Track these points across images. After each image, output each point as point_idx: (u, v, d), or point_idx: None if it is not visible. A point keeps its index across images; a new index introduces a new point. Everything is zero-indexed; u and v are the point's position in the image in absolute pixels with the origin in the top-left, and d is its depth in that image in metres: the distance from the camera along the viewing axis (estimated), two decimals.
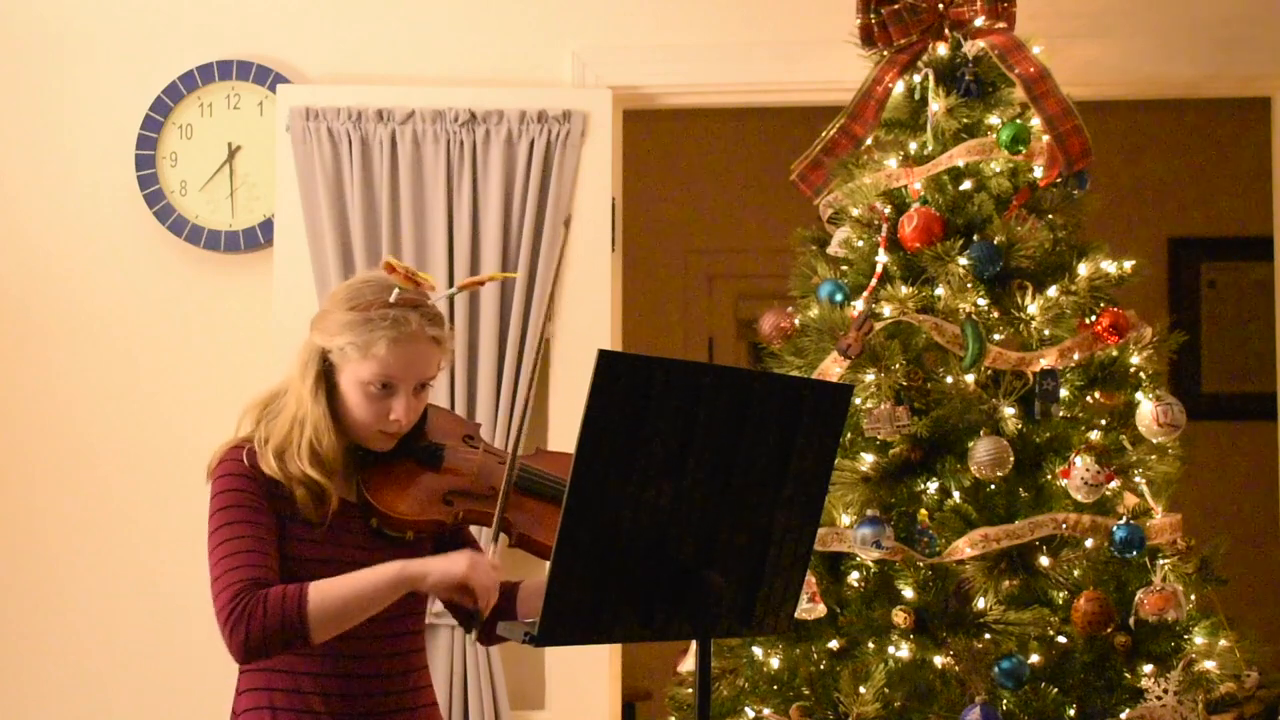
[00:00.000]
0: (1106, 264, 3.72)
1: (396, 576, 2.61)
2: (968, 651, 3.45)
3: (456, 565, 2.60)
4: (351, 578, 2.61)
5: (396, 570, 2.61)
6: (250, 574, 2.59)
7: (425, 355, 2.71)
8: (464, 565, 2.60)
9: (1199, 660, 3.49)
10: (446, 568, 2.61)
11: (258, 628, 2.55)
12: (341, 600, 2.58)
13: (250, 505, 2.65)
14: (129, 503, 4.57)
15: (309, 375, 2.71)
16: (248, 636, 2.55)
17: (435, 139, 4.39)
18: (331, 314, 2.72)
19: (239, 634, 2.55)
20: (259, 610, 2.55)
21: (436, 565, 2.62)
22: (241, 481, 2.67)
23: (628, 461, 2.25)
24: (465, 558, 2.61)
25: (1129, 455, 3.64)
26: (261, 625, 2.55)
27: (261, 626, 2.55)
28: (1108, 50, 4.42)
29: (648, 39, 4.56)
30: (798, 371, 3.68)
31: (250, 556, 2.61)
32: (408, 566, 2.61)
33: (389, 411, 2.70)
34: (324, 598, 2.57)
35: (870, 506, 3.56)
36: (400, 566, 2.61)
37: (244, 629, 2.55)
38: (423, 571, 2.61)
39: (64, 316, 4.62)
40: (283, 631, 2.55)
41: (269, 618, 2.55)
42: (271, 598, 2.56)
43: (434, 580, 2.61)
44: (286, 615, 2.55)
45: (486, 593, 2.61)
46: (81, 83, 4.65)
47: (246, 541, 2.62)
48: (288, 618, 2.55)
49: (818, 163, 3.97)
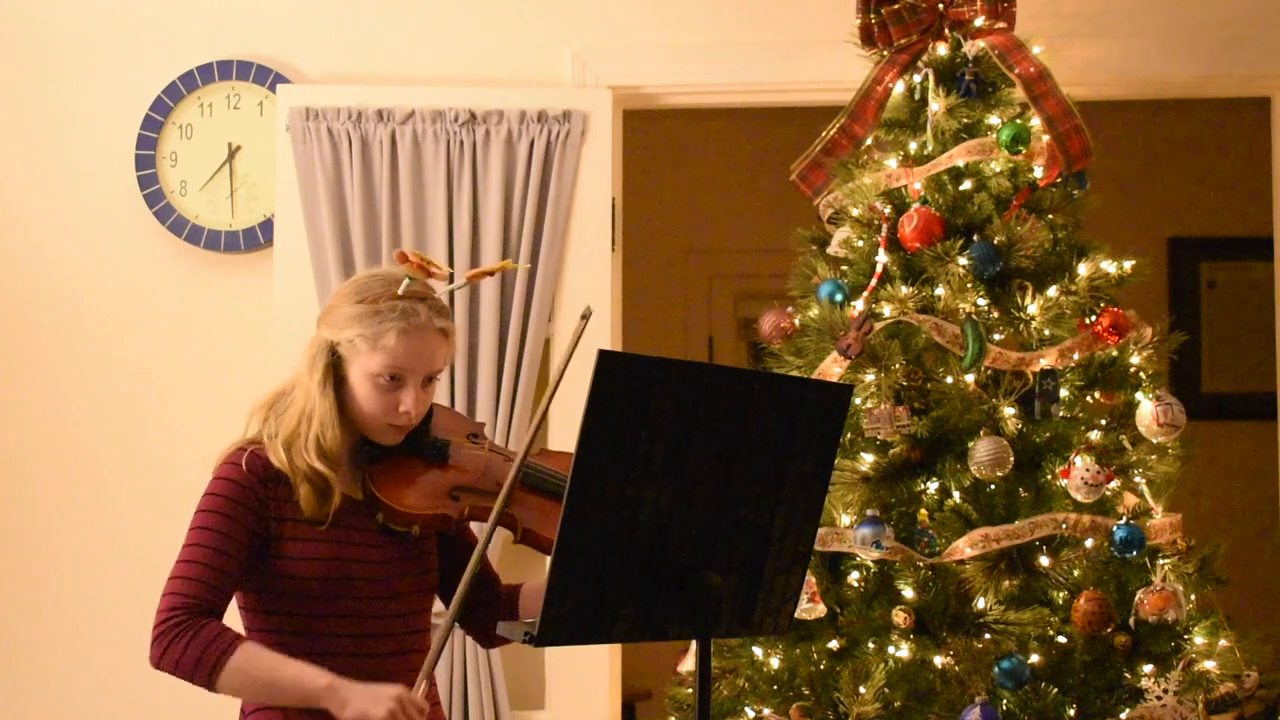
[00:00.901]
0: (1106, 264, 3.72)
1: (317, 691, 2.57)
2: (968, 651, 3.45)
3: (379, 706, 2.54)
4: (280, 663, 2.60)
5: (323, 685, 2.57)
6: (199, 593, 2.61)
7: (434, 346, 2.71)
8: (382, 712, 2.53)
9: (1199, 660, 3.49)
10: (366, 709, 2.54)
11: (176, 654, 2.58)
12: (258, 679, 2.59)
13: (232, 516, 2.65)
14: (129, 503, 4.56)
15: (317, 369, 2.71)
16: (162, 655, 2.59)
17: (435, 139, 4.40)
18: (339, 307, 2.73)
19: (159, 647, 2.59)
20: (185, 639, 2.57)
21: (359, 701, 2.55)
22: (232, 488, 2.67)
23: (628, 461, 2.25)
24: (388, 704, 2.54)
25: (1129, 455, 3.64)
26: (180, 653, 2.57)
27: (180, 654, 2.57)
28: (1108, 50, 4.42)
29: (648, 39, 4.56)
30: (798, 371, 3.68)
31: (207, 573, 2.62)
32: (335, 690, 2.56)
33: (398, 404, 2.70)
34: (245, 665, 2.58)
35: (870, 506, 3.56)
36: (328, 684, 2.57)
37: (164, 645, 2.58)
38: (343, 700, 2.56)
39: (64, 316, 4.62)
40: (193, 671, 2.58)
41: (188, 652, 2.57)
42: (202, 635, 2.58)
43: (350, 716, 2.55)
44: (203, 660, 2.57)
45: None
46: (81, 82, 4.65)
47: (211, 555, 2.63)
48: (203, 663, 2.57)
49: (818, 163, 3.97)
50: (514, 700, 4.36)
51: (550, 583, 2.24)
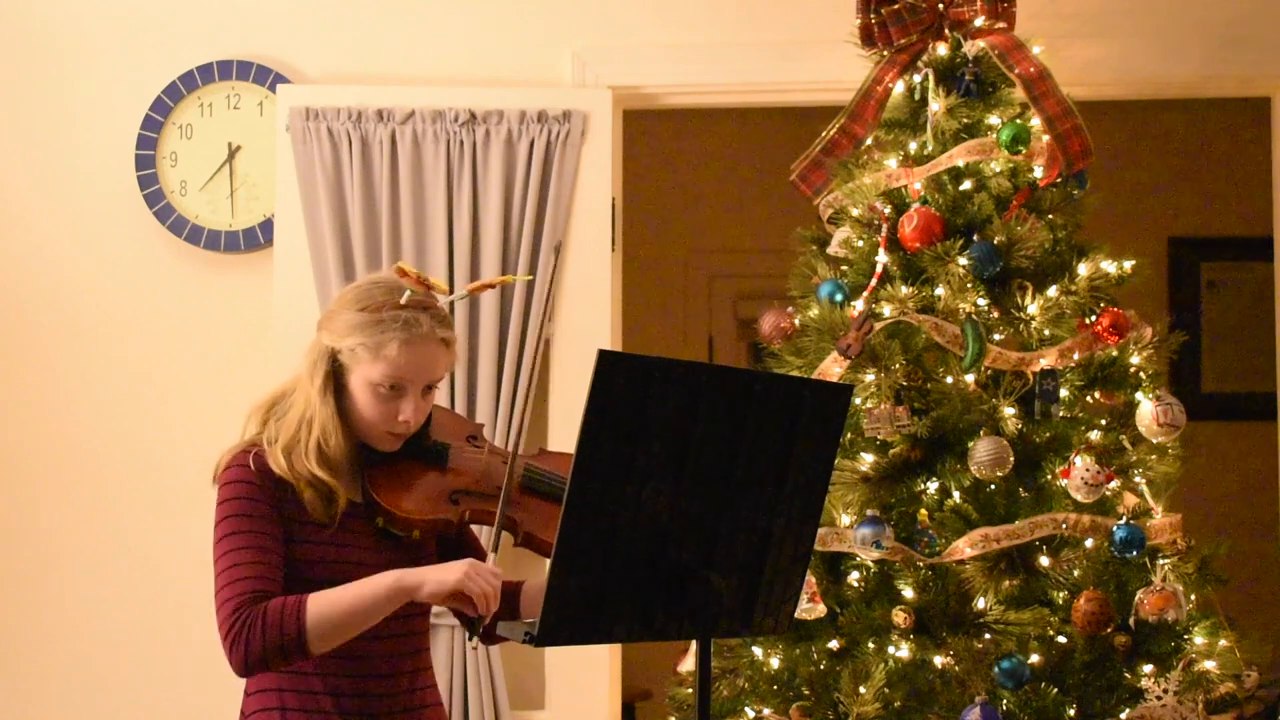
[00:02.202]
0: (1106, 264, 3.72)
1: (392, 587, 2.58)
2: (968, 651, 3.45)
3: (451, 573, 2.57)
4: (348, 589, 2.59)
5: (392, 580, 2.58)
6: (251, 587, 2.58)
7: (435, 357, 2.71)
8: (459, 573, 2.56)
9: (1199, 660, 3.49)
10: (441, 576, 2.58)
11: (257, 645, 2.55)
12: (339, 614, 2.57)
13: (255, 514, 2.65)
14: (129, 503, 4.56)
15: (318, 375, 2.71)
16: (247, 654, 2.55)
17: (435, 139, 4.40)
18: (341, 314, 2.72)
19: (239, 651, 2.56)
20: (258, 626, 2.55)
21: (431, 574, 2.59)
22: (247, 488, 2.66)
23: (628, 461, 2.25)
24: (462, 566, 2.58)
25: (1129, 455, 3.64)
26: (261, 642, 2.55)
27: (261, 644, 2.55)
28: (1108, 50, 4.42)
29: (648, 39, 4.56)
30: (798, 371, 3.68)
31: (252, 569, 2.60)
32: (403, 577, 2.58)
33: (398, 412, 2.70)
34: (322, 611, 2.56)
35: (870, 506, 3.56)
36: (396, 576, 2.59)
37: (243, 647, 2.55)
38: (418, 581, 2.58)
39: (64, 316, 4.62)
40: (281, 648, 2.55)
41: (268, 634, 2.55)
42: (270, 613, 2.56)
43: (429, 589, 2.58)
44: (285, 631, 2.54)
45: (485, 599, 2.58)
46: (81, 82, 4.65)
47: (249, 553, 2.61)
48: (286, 634, 2.54)
49: (818, 163, 3.97)
50: (514, 700, 4.36)
51: (550, 583, 2.24)
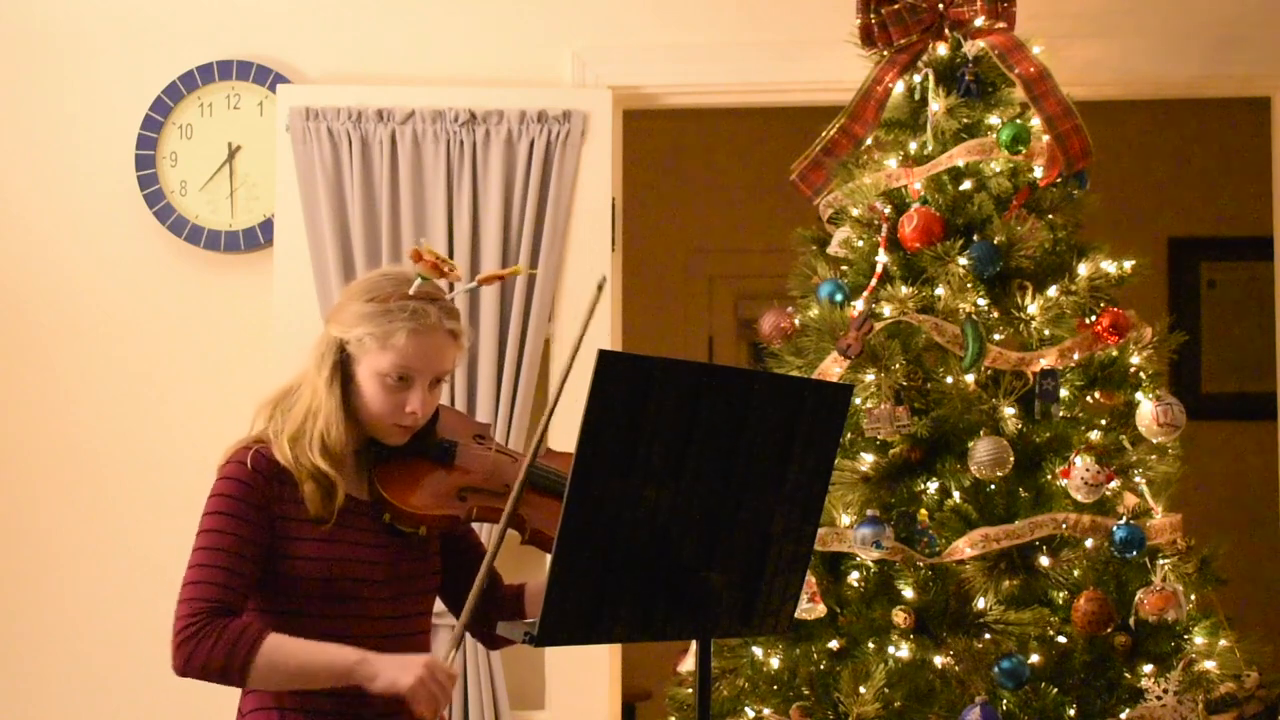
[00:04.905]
0: (1106, 264, 3.72)
1: (348, 668, 2.56)
2: (968, 651, 3.45)
3: (406, 675, 2.54)
4: (308, 649, 2.58)
5: (352, 663, 2.56)
6: (216, 594, 2.58)
7: (442, 348, 2.71)
8: (412, 678, 2.54)
9: (1199, 660, 3.49)
10: (396, 677, 2.55)
11: (201, 657, 2.55)
12: (288, 666, 2.57)
13: (241, 516, 2.64)
14: (129, 503, 4.56)
15: (325, 367, 2.71)
16: (189, 660, 2.55)
17: (435, 139, 4.40)
18: (349, 306, 2.73)
19: (183, 654, 2.56)
20: (210, 640, 2.54)
21: (389, 671, 2.56)
22: (240, 488, 2.66)
23: (628, 461, 2.25)
24: (419, 669, 2.55)
25: (1129, 455, 3.64)
26: (206, 657, 2.54)
27: (205, 658, 2.54)
28: (1108, 50, 4.42)
29: (648, 39, 4.56)
30: (798, 371, 3.68)
31: (223, 575, 2.60)
32: (363, 664, 2.56)
33: (405, 404, 2.69)
34: (273, 657, 2.56)
35: (870, 506, 3.56)
36: (357, 660, 2.57)
37: (188, 651, 2.55)
38: (373, 673, 2.56)
39: (64, 316, 4.62)
40: (223, 670, 2.55)
41: (215, 652, 2.54)
42: (228, 633, 2.55)
43: (380, 686, 2.56)
44: (232, 657, 2.54)
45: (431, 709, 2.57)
46: (81, 82, 4.65)
47: (225, 557, 2.61)
48: (232, 660, 2.54)
49: (818, 163, 3.97)
50: (514, 700, 4.36)
51: (550, 583, 2.24)
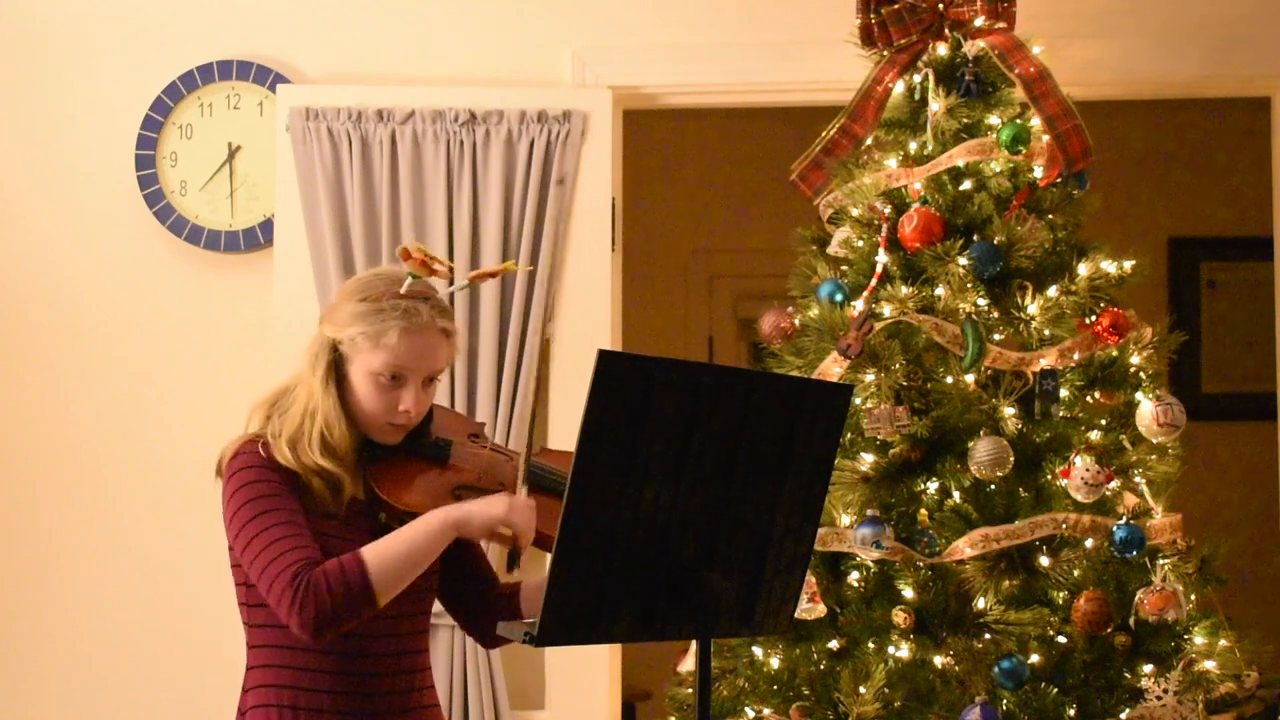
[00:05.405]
0: (1106, 264, 3.72)
1: (442, 523, 2.62)
2: (968, 651, 3.45)
3: (496, 506, 2.63)
4: (399, 534, 2.62)
5: (441, 517, 2.62)
6: (301, 555, 2.59)
7: (435, 346, 2.72)
8: (503, 506, 2.62)
9: (1199, 660, 3.49)
10: (487, 510, 2.63)
11: (326, 603, 2.55)
12: (397, 559, 2.60)
13: (276, 492, 2.65)
14: (129, 503, 4.57)
15: (319, 367, 2.72)
16: (318, 612, 2.55)
17: (435, 139, 4.40)
18: (342, 305, 2.74)
19: (308, 611, 2.55)
20: (322, 585, 2.56)
21: (477, 508, 2.64)
22: (262, 472, 2.67)
23: (628, 461, 2.25)
24: (503, 499, 2.64)
25: (1129, 455, 3.64)
26: (330, 598, 2.55)
27: (330, 601, 2.55)
28: (1108, 50, 4.42)
29: (648, 39, 4.56)
30: (798, 371, 3.68)
31: (295, 540, 2.61)
32: (450, 512, 2.63)
33: (398, 403, 2.71)
34: (381, 560, 2.59)
35: (870, 506, 3.55)
36: (444, 513, 2.63)
37: (313, 605, 2.55)
38: (466, 515, 2.63)
39: (64, 316, 4.62)
40: (349, 601, 2.56)
41: (334, 590, 2.55)
42: (331, 571, 2.57)
43: (479, 523, 2.63)
44: (350, 584, 2.56)
45: (525, 530, 2.63)
46: (81, 82, 4.65)
47: (285, 527, 2.62)
48: (352, 586, 2.56)
49: (818, 163, 3.97)
50: (514, 700, 4.36)
51: (550, 583, 2.24)
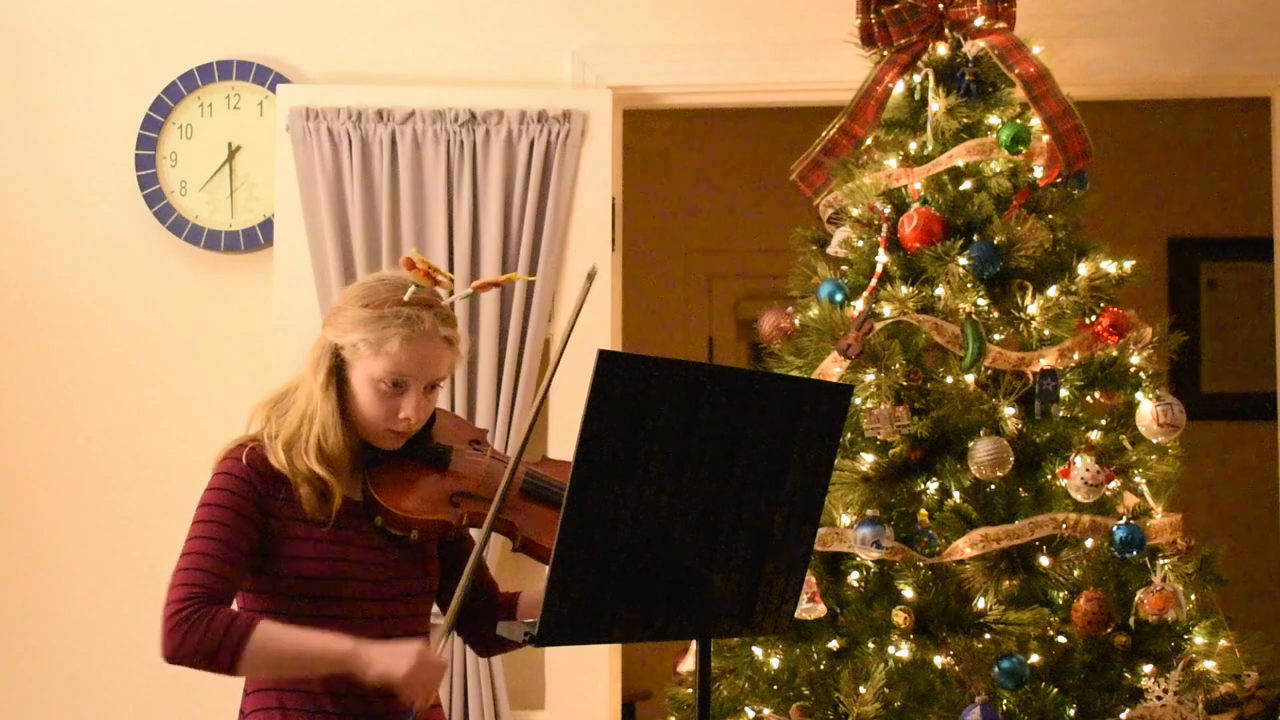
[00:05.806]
0: (1106, 264, 3.72)
1: (342, 656, 2.57)
2: (968, 651, 3.45)
3: (399, 664, 2.56)
4: (299, 636, 2.59)
5: (346, 650, 2.57)
6: (208, 581, 2.59)
7: (437, 354, 2.71)
8: (406, 665, 2.55)
9: (1199, 660, 3.49)
10: (391, 665, 2.56)
11: (192, 643, 2.54)
12: (280, 653, 2.58)
13: (235, 509, 2.65)
14: (129, 502, 4.56)
15: (320, 371, 2.72)
16: (180, 646, 2.55)
17: (435, 139, 4.39)
18: (345, 310, 2.73)
19: (173, 640, 2.55)
20: (202, 625, 2.54)
21: (382, 661, 2.57)
22: (235, 482, 2.67)
23: (628, 461, 2.25)
24: (413, 655, 2.57)
25: (1129, 455, 3.64)
26: (198, 641, 2.54)
27: (197, 643, 2.54)
28: (1108, 50, 4.42)
29: (648, 39, 4.56)
30: (798, 371, 3.68)
31: (216, 564, 2.61)
32: (357, 653, 2.57)
33: (399, 410, 2.70)
34: (265, 643, 2.56)
35: (870, 506, 3.56)
36: (351, 649, 2.57)
37: (179, 637, 2.55)
38: (368, 661, 2.57)
39: (64, 316, 4.62)
40: (213, 655, 2.55)
41: (208, 636, 2.54)
42: (219, 619, 2.55)
43: (373, 675, 2.57)
44: (225, 643, 2.54)
45: (421, 694, 2.59)
46: (81, 82, 4.65)
47: (217, 546, 2.62)
48: (224, 646, 2.54)
49: (818, 163, 3.97)
50: (514, 700, 4.36)
51: (550, 583, 2.24)
